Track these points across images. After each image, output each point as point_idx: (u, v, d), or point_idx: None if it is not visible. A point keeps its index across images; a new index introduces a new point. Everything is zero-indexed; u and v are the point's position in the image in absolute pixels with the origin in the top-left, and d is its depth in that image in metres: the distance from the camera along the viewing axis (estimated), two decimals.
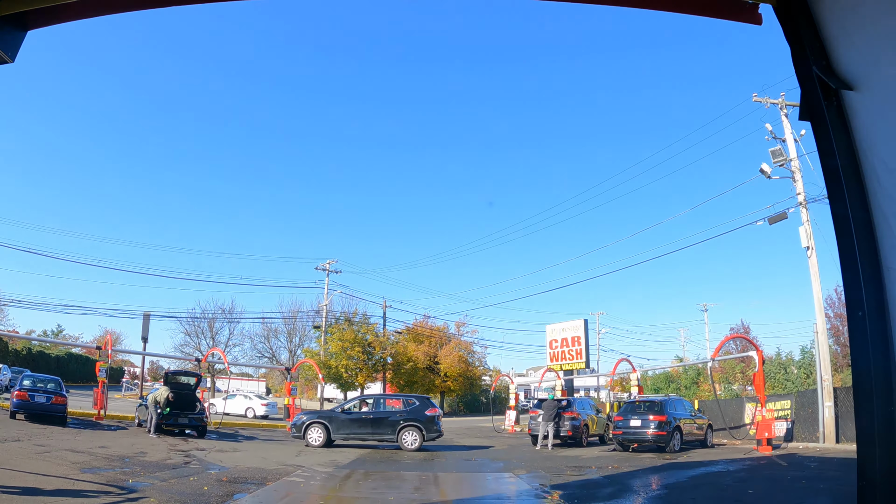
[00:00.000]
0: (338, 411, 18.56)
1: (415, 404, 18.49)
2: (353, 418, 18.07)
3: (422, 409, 18.23)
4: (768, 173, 21.95)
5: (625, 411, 19.02)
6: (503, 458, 16.29)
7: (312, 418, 18.11)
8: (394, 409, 18.80)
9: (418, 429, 17.69)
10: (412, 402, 18.80)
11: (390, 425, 17.78)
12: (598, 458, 16.30)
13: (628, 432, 18.27)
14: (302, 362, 39.43)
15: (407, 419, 17.82)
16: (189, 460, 13.24)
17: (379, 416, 18.20)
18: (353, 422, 17.97)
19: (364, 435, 17.93)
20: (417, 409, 18.16)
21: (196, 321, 55.24)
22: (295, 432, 18.00)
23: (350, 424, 17.90)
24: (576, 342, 36.84)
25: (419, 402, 18.58)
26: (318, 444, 17.46)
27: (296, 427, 18.04)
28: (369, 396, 20.39)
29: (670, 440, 17.91)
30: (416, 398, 19.22)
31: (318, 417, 18.23)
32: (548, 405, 19.87)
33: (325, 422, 17.84)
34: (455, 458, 15.98)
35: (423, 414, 18.02)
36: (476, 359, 58.56)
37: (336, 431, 17.72)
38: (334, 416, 18.12)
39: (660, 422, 17.92)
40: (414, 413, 18.02)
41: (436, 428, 17.97)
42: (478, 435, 27.21)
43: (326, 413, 18.81)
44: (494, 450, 19.41)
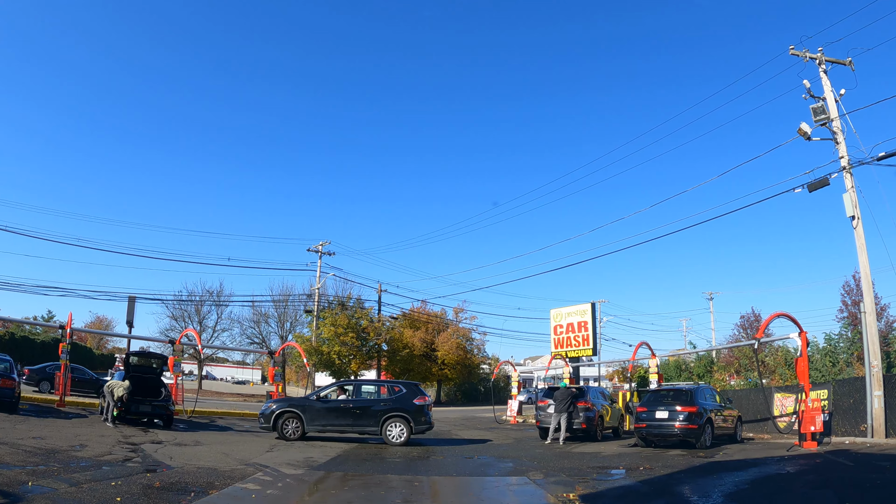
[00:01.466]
0: (312, 399, 16.05)
1: (401, 392, 16.14)
2: (330, 407, 15.68)
3: (409, 396, 15.91)
4: (808, 134, 19.44)
5: (649, 401, 16.63)
6: (511, 455, 13.90)
7: (283, 407, 15.69)
8: (377, 398, 16.52)
9: (405, 420, 15.47)
10: (398, 389, 16.43)
11: (373, 416, 15.55)
12: (620, 456, 13.93)
13: (653, 425, 15.91)
14: (286, 345, 37.00)
15: (393, 409, 15.59)
16: (132, 456, 10.99)
17: (360, 404, 15.91)
18: (331, 411, 15.59)
19: (343, 426, 15.58)
20: (404, 398, 15.88)
21: (182, 305, 52.90)
22: (263, 423, 15.57)
23: (327, 414, 15.52)
24: (582, 327, 34.46)
25: (406, 390, 16.21)
26: (290, 436, 15.19)
27: (264, 417, 15.60)
28: (349, 382, 17.92)
29: (701, 434, 15.57)
30: (403, 384, 16.77)
31: (289, 406, 15.76)
32: (560, 394, 17.50)
33: (298, 411, 15.46)
34: (454, 456, 13.59)
35: (412, 403, 15.75)
36: (474, 346, 56.34)
37: (311, 422, 15.40)
38: (308, 405, 15.69)
39: (690, 413, 15.57)
40: (401, 402, 15.77)
41: (425, 419, 15.77)
42: (478, 426, 24.87)
43: (299, 401, 16.28)
44: (498, 444, 17.04)
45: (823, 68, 20.88)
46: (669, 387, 18.04)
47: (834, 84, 20.73)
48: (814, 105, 19.56)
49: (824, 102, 19.79)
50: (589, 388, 19.75)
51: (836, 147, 19.62)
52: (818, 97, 20.40)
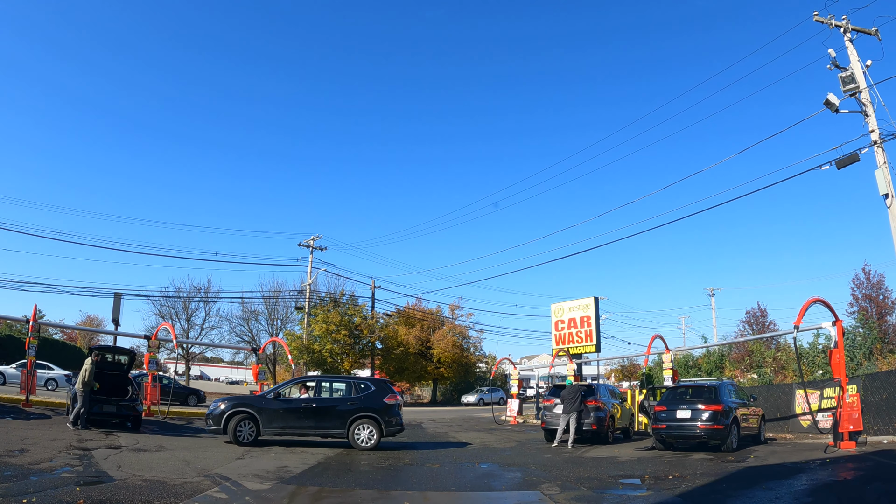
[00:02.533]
0: (270, 397, 14.03)
1: (370, 389, 14.30)
2: (290, 407, 13.81)
3: (379, 395, 14.16)
4: (836, 105, 17.81)
5: (668, 400, 14.97)
6: (516, 461, 12.18)
7: (235, 406, 13.55)
8: (344, 396, 14.66)
9: (375, 421, 13.75)
10: (366, 386, 14.52)
11: (339, 416, 13.73)
12: (641, 462, 12.25)
13: (673, 426, 14.25)
14: (270, 341, 35.24)
15: (361, 408, 13.79)
16: (73, 465, 9.38)
17: (324, 403, 14.11)
18: (291, 412, 13.72)
19: (304, 429, 13.71)
20: (373, 396, 14.09)
21: (170, 301, 51.04)
22: (212, 425, 13.47)
23: (286, 415, 13.64)
24: (585, 323, 32.77)
25: (375, 387, 14.42)
26: (243, 440, 13.26)
27: (212, 418, 13.47)
28: (311, 378, 15.74)
29: (728, 436, 13.93)
30: (372, 382, 14.89)
31: (242, 405, 13.63)
32: (568, 392, 15.82)
33: (252, 411, 13.46)
34: (451, 463, 11.88)
35: (382, 402, 14.00)
36: (471, 344, 54.67)
37: (267, 424, 13.46)
38: (265, 405, 13.72)
39: (715, 412, 13.91)
40: (370, 401, 13.96)
41: (397, 420, 14.11)
42: (476, 427, 23.18)
43: (254, 400, 14.15)
44: (500, 449, 15.34)
45: (849, 37, 19.28)
46: (690, 383, 16.41)
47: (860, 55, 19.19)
48: (842, 74, 17.96)
49: (853, 72, 18.20)
50: (599, 385, 18.07)
51: (866, 120, 18.01)
52: (844, 68, 18.85)
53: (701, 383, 15.95)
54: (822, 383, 20.36)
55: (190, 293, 51.17)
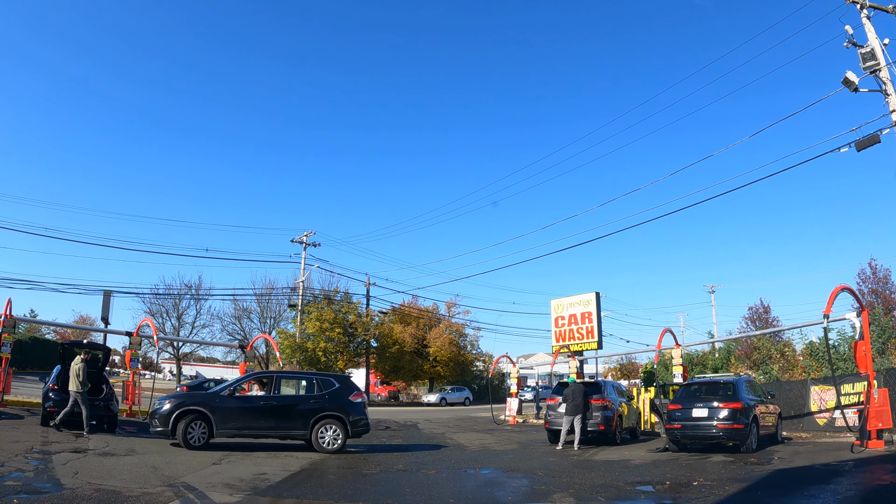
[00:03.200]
0: (224, 394, 12.43)
1: (334, 386, 13.06)
2: (248, 406, 12.37)
3: (344, 392, 13.01)
4: (855, 84, 16.78)
5: (683, 397, 13.91)
6: (521, 467, 11.10)
7: (184, 405, 11.90)
8: (306, 394, 13.12)
9: (340, 421, 12.57)
10: (330, 382, 13.21)
11: (301, 416, 12.47)
12: (656, 466, 11.19)
13: (688, 426, 13.21)
14: (258, 337, 34.10)
15: (326, 407, 12.58)
16: (26, 469, 8.48)
17: (285, 402, 12.78)
18: (248, 411, 12.29)
19: (263, 430, 12.43)
20: (338, 394, 12.89)
21: (160, 299, 49.90)
22: (158, 426, 11.78)
23: (242, 414, 12.21)
24: (586, 319, 31.67)
25: (339, 384, 13.23)
26: (194, 443, 11.70)
27: (158, 418, 11.78)
28: (268, 373, 14.06)
29: (748, 435, 12.90)
30: (335, 378, 13.61)
31: (192, 404, 12.01)
32: (572, 391, 14.75)
33: (205, 410, 11.89)
34: (449, 469, 10.79)
35: (348, 400, 12.86)
36: (468, 342, 53.60)
37: (221, 425, 11.96)
38: (219, 403, 12.14)
39: (734, 410, 12.88)
40: (335, 399, 12.76)
41: (363, 420, 12.99)
42: (474, 428, 22.10)
43: (205, 397, 12.55)
44: (502, 451, 14.27)
45: (866, 14, 18.24)
46: (706, 379, 15.37)
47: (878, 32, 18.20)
48: (862, 50, 16.93)
49: (872, 48, 17.19)
50: (605, 382, 17.00)
51: (887, 100, 16.98)
52: (861, 46, 17.86)
53: (717, 379, 14.93)
54: (840, 379, 19.38)
55: (180, 290, 50.10)
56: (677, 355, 17.86)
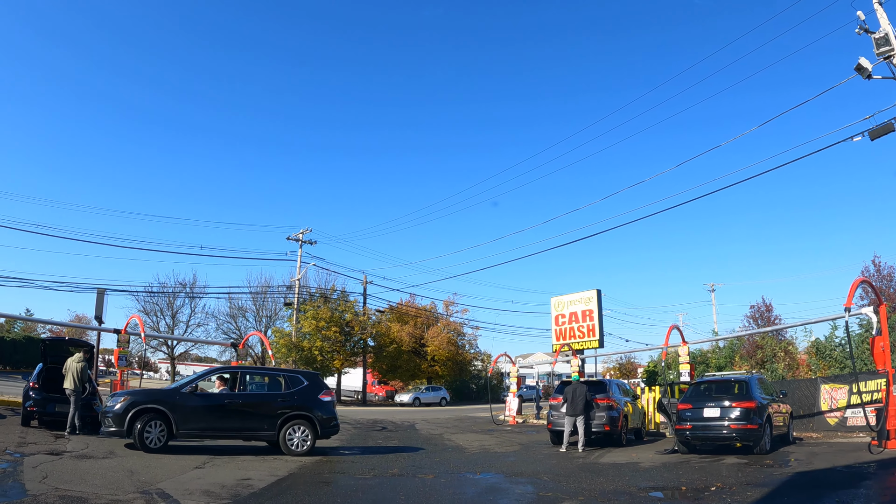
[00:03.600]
0: (185, 391, 11.32)
1: (302, 384, 12.20)
2: (211, 404, 11.43)
3: (313, 391, 12.17)
4: (868, 70, 16.17)
5: (693, 396, 13.27)
6: (524, 471, 10.44)
7: (141, 402, 10.79)
8: (272, 392, 12.33)
9: (310, 422, 11.73)
10: (298, 379, 12.34)
11: (268, 416, 11.57)
12: (667, 469, 10.55)
13: (700, 426, 12.57)
14: (251, 335, 33.41)
15: (294, 406, 11.74)
16: None
17: (252, 400, 11.95)
18: (211, 410, 11.34)
19: (228, 430, 11.53)
20: (307, 392, 12.06)
21: (154, 297, 49.12)
22: (111, 425, 10.65)
23: (205, 414, 11.22)
24: (587, 317, 31.04)
25: (308, 381, 12.35)
26: (152, 444, 10.63)
27: (112, 416, 10.62)
28: (230, 369, 13.11)
29: (762, 436, 12.27)
30: (304, 375, 12.68)
31: (150, 401, 10.92)
32: (574, 390, 14.11)
33: (164, 408, 10.82)
34: (448, 474, 10.13)
35: (317, 399, 12.03)
36: (466, 341, 52.91)
37: (182, 424, 10.94)
38: (179, 401, 11.09)
39: (747, 410, 12.25)
40: (304, 397, 11.92)
41: (333, 421, 12.21)
42: (473, 429, 21.45)
43: (164, 394, 11.45)
44: (503, 454, 13.62)
45: None
46: (717, 377, 14.73)
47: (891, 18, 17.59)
48: (876, 35, 16.30)
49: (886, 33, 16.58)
50: (610, 381, 16.35)
51: None
52: (873, 32, 17.27)
53: (728, 377, 14.28)
54: (851, 377, 18.78)
55: (175, 289, 49.33)
56: (684, 353, 17.25)
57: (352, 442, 15.09)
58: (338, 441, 15.02)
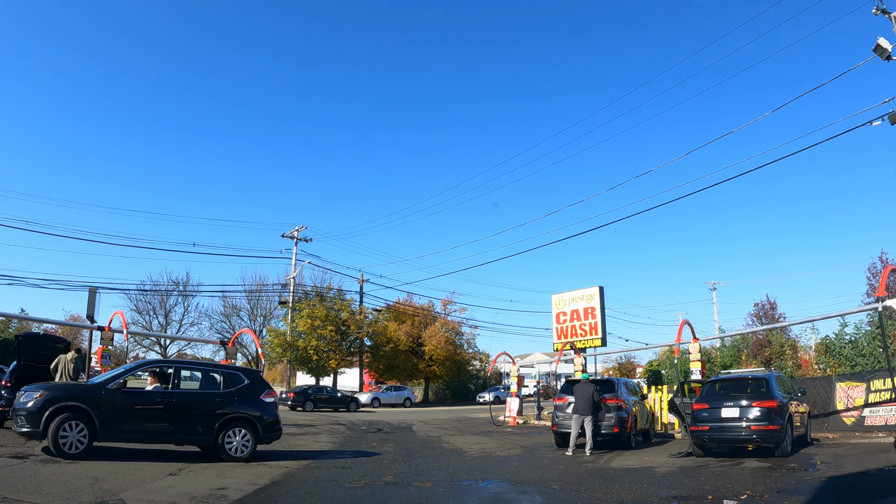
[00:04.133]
0: (112, 387, 9.76)
1: (243, 382, 10.83)
2: (141, 403, 9.93)
3: (254, 389, 10.87)
4: (888, 51, 15.38)
5: (710, 396, 12.39)
6: (530, 477, 9.56)
7: (60, 400, 9.27)
8: (210, 391, 10.74)
9: (251, 425, 10.48)
10: (238, 377, 10.91)
11: (206, 417, 10.22)
12: (686, 474, 9.67)
13: (718, 428, 11.71)
14: (241, 332, 32.52)
15: (235, 407, 10.46)
16: None
17: (187, 399, 10.35)
18: (140, 409, 9.87)
19: (160, 433, 10.08)
20: (248, 392, 10.76)
21: (146, 296, 48.16)
22: (25, 425, 9.14)
23: (135, 414, 9.76)
24: (589, 315, 30.30)
25: (249, 380, 10.97)
26: (70, 449, 9.15)
27: (26, 415, 9.09)
28: (163, 363, 11.91)
29: (783, 438, 11.43)
30: (244, 372, 11.24)
31: (70, 397, 9.42)
32: (582, 389, 13.25)
33: (85, 406, 9.35)
34: (447, 481, 9.26)
35: (259, 399, 10.77)
36: (464, 340, 51.97)
37: (107, 426, 9.46)
38: (105, 397, 9.58)
39: (769, 410, 11.40)
40: (244, 397, 10.63)
41: (276, 424, 10.97)
42: (473, 430, 20.58)
43: (86, 389, 9.87)
44: (505, 458, 12.74)
45: None
46: (734, 375, 13.89)
47: None
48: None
49: None
50: (618, 380, 15.49)
51: None
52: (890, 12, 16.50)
53: (745, 375, 13.45)
54: (869, 375, 17.98)
55: (168, 287, 48.40)
56: (695, 350, 16.42)
57: (344, 445, 14.21)
58: (329, 444, 14.16)
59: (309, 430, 18.10)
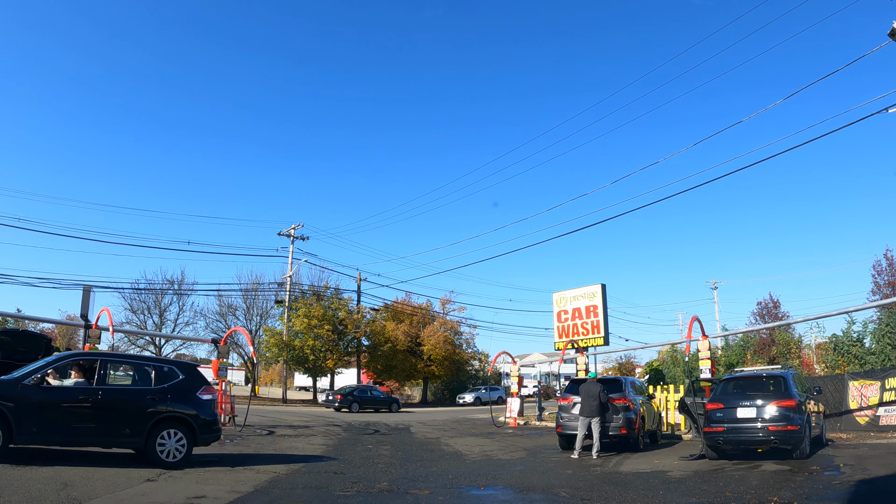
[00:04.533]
0: (29, 383, 8.57)
1: (177, 378, 9.64)
2: (62, 401, 8.77)
3: (190, 385, 9.71)
4: None
5: (724, 395, 11.73)
6: (536, 483, 8.90)
7: None
8: (140, 388, 9.49)
9: (186, 425, 9.32)
10: (172, 372, 9.72)
11: (135, 416, 9.06)
12: (703, 480, 9.02)
13: (734, 429, 11.04)
14: (233, 331, 31.84)
15: (169, 405, 9.29)
16: None
17: (114, 396, 9.13)
18: (62, 408, 8.71)
19: (83, 435, 8.88)
20: (183, 388, 9.58)
21: (141, 295, 47.39)
22: None
23: (54, 413, 8.61)
24: (591, 313, 29.61)
25: (184, 374, 9.81)
26: None
27: None
28: (87, 355, 10.64)
29: (802, 439, 10.78)
30: (179, 367, 10.04)
31: None
32: (588, 389, 12.58)
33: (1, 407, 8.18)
34: (446, 489, 8.60)
35: (195, 397, 9.63)
36: (463, 340, 51.28)
37: (24, 426, 8.28)
38: (21, 394, 8.42)
39: (787, 409, 10.76)
40: (178, 394, 9.47)
41: (214, 424, 9.83)
42: (472, 432, 19.92)
43: (2, 386, 8.51)
44: (508, 461, 12.10)
45: None
46: (748, 373, 13.25)
47: None
48: None
49: None
50: (625, 379, 14.83)
51: None
52: None
53: (760, 373, 12.79)
54: (884, 373, 17.35)
55: (162, 286, 47.62)
56: (704, 347, 15.78)
57: (339, 448, 13.55)
58: (323, 447, 13.49)
59: (303, 432, 17.44)
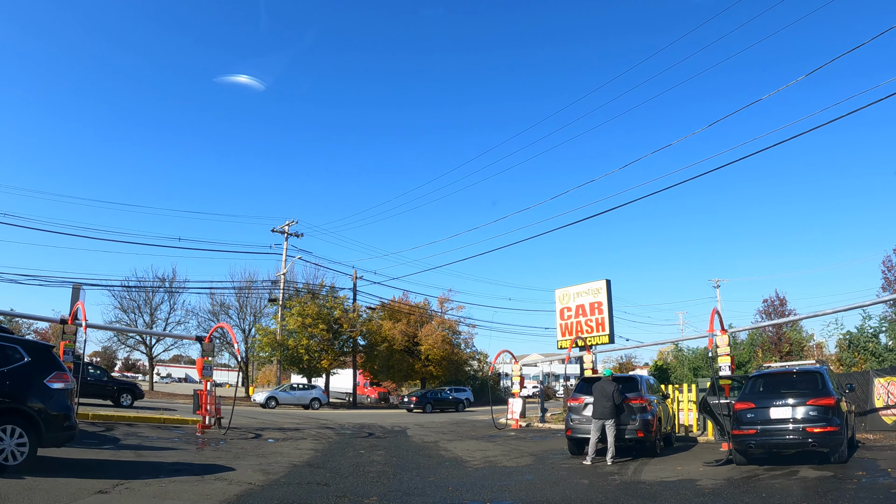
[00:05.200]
0: None
1: (20, 360, 7.83)
2: None
3: (36, 371, 7.91)
4: None
5: (754, 393, 10.60)
6: (551, 497, 7.80)
7: None
8: None
9: (28, 419, 7.54)
10: (16, 354, 7.87)
11: None
12: (739, 490, 7.92)
13: (768, 431, 9.93)
14: (217, 327, 30.67)
15: (6, 395, 7.49)
16: None
17: None
18: None
19: None
20: (26, 373, 7.80)
21: (131, 293, 46.08)
22: None
23: None
24: (595, 310, 28.44)
25: (31, 357, 7.98)
26: None
27: None
28: None
29: (842, 441, 9.68)
30: (24, 346, 8.09)
31: None
32: (601, 389, 11.46)
33: None
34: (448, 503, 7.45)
35: (41, 384, 7.82)
36: (462, 340, 50.10)
37: None
38: None
39: (826, 409, 9.67)
40: (20, 381, 7.69)
41: (67, 419, 7.99)
42: (473, 434, 18.80)
43: None
44: (513, 469, 10.97)
45: None
46: (777, 369, 12.17)
47: None
48: None
49: None
50: (640, 377, 13.69)
51: None
52: None
53: (792, 369, 11.69)
54: None
55: (153, 284, 46.31)
56: (723, 343, 14.66)
57: (328, 453, 12.41)
58: (311, 453, 12.35)
59: (292, 435, 16.30)
